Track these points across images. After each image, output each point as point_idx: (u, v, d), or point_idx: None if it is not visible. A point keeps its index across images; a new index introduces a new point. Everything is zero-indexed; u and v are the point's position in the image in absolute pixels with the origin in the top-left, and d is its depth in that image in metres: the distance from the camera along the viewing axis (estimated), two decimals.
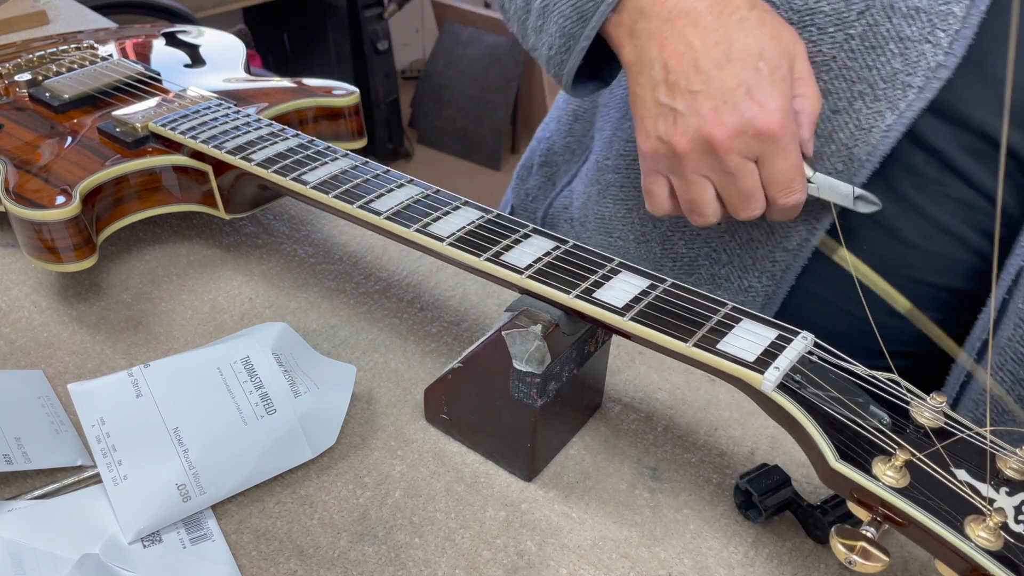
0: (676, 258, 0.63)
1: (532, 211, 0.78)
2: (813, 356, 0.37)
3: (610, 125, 0.66)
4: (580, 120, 0.72)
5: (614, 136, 0.65)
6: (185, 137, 0.55)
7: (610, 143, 0.66)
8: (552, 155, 0.76)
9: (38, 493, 0.42)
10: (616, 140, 0.65)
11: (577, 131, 0.72)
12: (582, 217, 0.69)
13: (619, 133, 0.65)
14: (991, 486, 0.31)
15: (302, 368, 0.46)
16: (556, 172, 0.76)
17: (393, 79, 2.44)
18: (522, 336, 0.39)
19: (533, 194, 0.78)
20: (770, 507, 0.41)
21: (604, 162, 0.66)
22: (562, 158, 0.74)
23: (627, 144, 0.64)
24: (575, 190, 0.71)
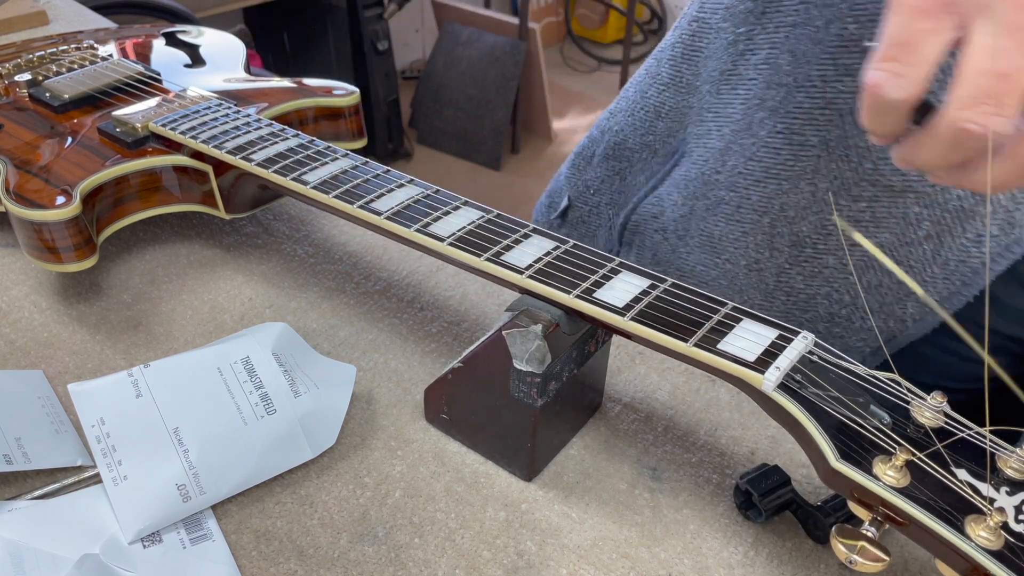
0: (791, 293, 0.58)
1: (594, 204, 0.73)
2: (814, 356, 0.37)
3: (721, 136, 0.60)
4: (664, 119, 0.66)
5: (728, 150, 0.59)
6: (185, 137, 0.55)
7: (722, 157, 0.60)
8: (623, 150, 0.70)
9: (38, 493, 0.42)
10: (731, 155, 0.59)
11: (661, 130, 0.66)
12: (680, 230, 0.64)
13: (735, 148, 0.59)
14: (991, 485, 0.31)
15: (302, 368, 0.46)
16: (628, 169, 0.70)
17: (393, 79, 2.44)
18: (522, 336, 0.39)
19: (595, 187, 0.72)
20: (770, 507, 0.41)
21: (714, 176, 0.60)
22: (638, 155, 0.69)
23: (748, 163, 0.58)
24: (666, 198, 0.65)
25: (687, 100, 0.63)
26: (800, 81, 0.54)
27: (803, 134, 0.55)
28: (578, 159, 0.75)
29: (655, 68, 0.67)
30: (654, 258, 0.67)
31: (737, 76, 0.59)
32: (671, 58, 0.65)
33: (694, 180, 0.62)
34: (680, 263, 0.64)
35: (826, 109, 0.53)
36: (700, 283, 0.63)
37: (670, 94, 0.65)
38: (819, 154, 0.54)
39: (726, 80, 0.59)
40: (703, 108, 0.61)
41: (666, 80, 0.65)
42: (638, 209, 0.67)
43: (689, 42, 0.63)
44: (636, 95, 0.69)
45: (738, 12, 0.59)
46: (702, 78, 0.62)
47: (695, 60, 0.63)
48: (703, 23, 0.62)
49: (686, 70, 0.63)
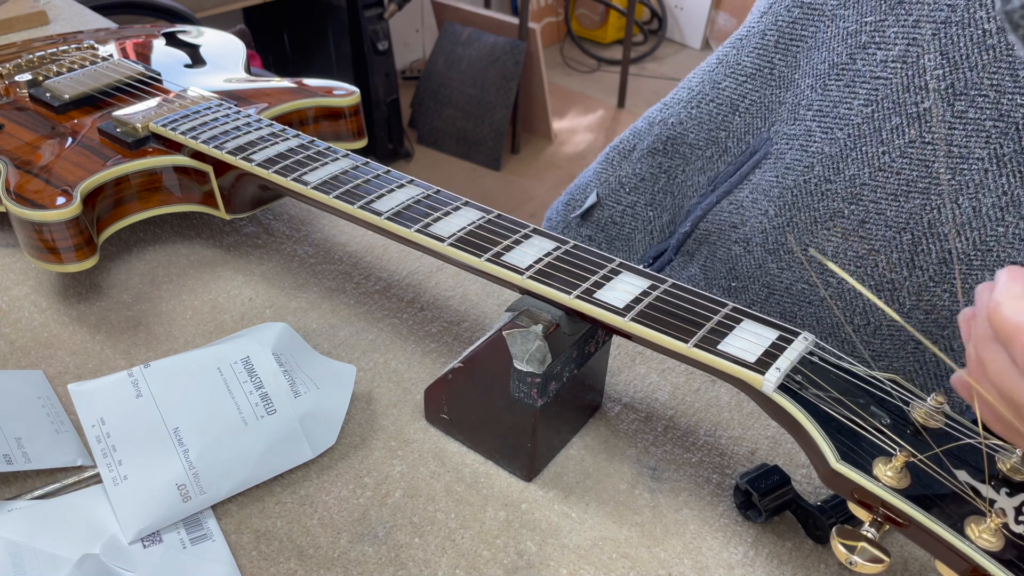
0: (931, 311, 0.53)
1: (629, 204, 0.66)
2: (814, 357, 0.37)
3: (832, 140, 0.54)
4: (743, 114, 0.59)
5: (844, 156, 0.53)
6: (186, 137, 0.55)
7: (835, 164, 0.53)
8: (679, 145, 0.63)
9: (38, 493, 0.42)
10: (850, 163, 0.53)
11: (737, 126, 0.60)
12: (771, 244, 0.57)
13: (855, 155, 0.53)
14: (991, 487, 0.31)
15: (302, 368, 0.46)
16: (681, 167, 0.63)
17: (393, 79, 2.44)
18: (523, 336, 0.39)
19: (632, 184, 0.66)
20: (770, 507, 0.41)
21: (824, 186, 0.54)
22: (700, 152, 0.62)
23: (877, 173, 0.52)
24: (750, 205, 0.59)
25: (778, 95, 0.58)
26: (961, 88, 0.49)
27: (967, 146, 0.49)
28: (613, 152, 0.68)
29: (734, 57, 0.61)
30: (731, 273, 0.60)
31: (854, 72, 0.53)
32: (758, 47, 0.59)
33: (791, 188, 0.56)
34: (770, 280, 0.58)
35: (999, 121, 0.48)
36: (800, 303, 0.57)
37: (754, 86, 0.59)
38: (987, 168, 0.49)
39: (839, 75, 0.54)
40: (800, 104, 0.56)
41: (749, 70, 0.59)
42: (709, 217, 0.61)
43: (788, 30, 0.57)
44: (705, 85, 0.62)
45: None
46: (802, 71, 0.56)
47: (795, 50, 0.57)
48: (810, 8, 0.56)
49: (779, 61, 0.58)
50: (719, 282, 0.60)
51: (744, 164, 0.59)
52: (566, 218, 0.72)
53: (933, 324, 0.53)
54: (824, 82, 0.54)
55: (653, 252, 0.66)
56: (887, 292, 0.53)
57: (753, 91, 0.59)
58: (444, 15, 2.76)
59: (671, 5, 3.53)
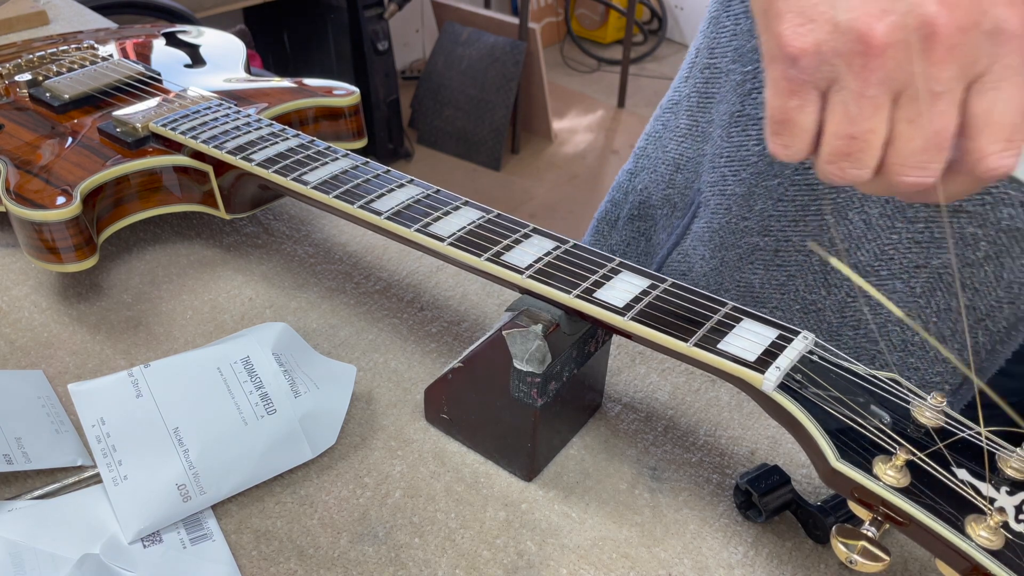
0: (858, 326, 0.55)
1: None
2: (814, 356, 0.37)
3: (740, 181, 0.58)
4: (683, 170, 0.64)
5: (752, 194, 0.57)
6: (186, 137, 0.55)
7: (747, 202, 0.57)
8: (648, 208, 0.68)
9: (38, 493, 0.42)
10: (757, 199, 0.57)
11: (680, 183, 0.65)
12: (713, 285, 0.61)
13: (759, 191, 0.56)
14: (991, 485, 0.31)
15: (302, 368, 0.46)
16: (652, 228, 0.69)
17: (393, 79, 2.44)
18: (523, 336, 0.39)
19: (621, 250, 0.71)
20: (770, 507, 0.41)
21: (741, 224, 0.58)
22: (660, 212, 0.67)
23: (778, 204, 0.55)
24: (692, 252, 0.63)
25: (702, 148, 0.63)
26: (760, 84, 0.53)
27: None
28: (601, 224, 0.74)
29: (673, 121, 0.66)
30: None
31: (747, 117, 0.57)
32: (688, 108, 0.64)
33: (719, 231, 0.60)
34: None
35: None
36: None
37: (688, 144, 0.64)
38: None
39: (736, 122, 0.58)
40: (716, 155, 0.60)
41: (684, 131, 0.65)
42: (663, 268, 0.66)
43: (703, 89, 0.63)
44: (657, 150, 0.68)
45: (745, 51, 0.57)
46: (714, 124, 0.61)
47: (708, 107, 0.62)
48: (714, 69, 0.61)
49: (701, 118, 0.63)
50: None
51: (686, 216, 0.64)
52: None
53: (863, 339, 0.55)
54: (728, 131, 0.58)
55: None
56: (813, 314, 0.56)
57: (688, 149, 0.64)
58: (444, 15, 2.76)
59: (671, 5, 3.53)
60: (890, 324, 0.54)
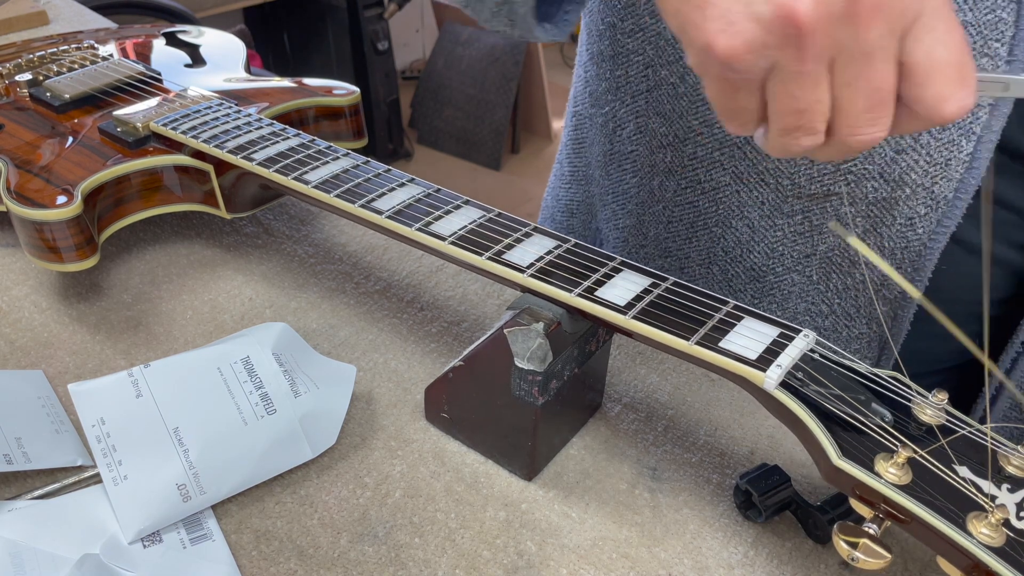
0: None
1: None
2: (815, 354, 0.37)
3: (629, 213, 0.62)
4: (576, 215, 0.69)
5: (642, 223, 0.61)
6: (186, 137, 0.55)
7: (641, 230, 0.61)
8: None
9: (38, 493, 0.42)
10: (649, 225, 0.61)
11: (576, 227, 0.70)
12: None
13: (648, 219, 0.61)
14: (993, 483, 0.31)
15: (302, 368, 0.46)
16: None
17: (393, 79, 2.44)
18: (524, 334, 0.39)
19: None
20: (770, 507, 0.41)
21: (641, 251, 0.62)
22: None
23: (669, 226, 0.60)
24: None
25: (588, 190, 0.67)
26: (683, 135, 0.55)
27: (711, 179, 0.56)
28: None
29: (558, 169, 0.72)
30: None
31: (618, 154, 0.61)
32: (567, 156, 0.69)
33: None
34: None
35: (723, 149, 0.54)
36: None
37: (575, 189, 0.69)
38: (738, 189, 0.55)
39: (610, 160, 0.62)
40: (602, 193, 0.64)
41: (568, 177, 0.70)
42: None
43: (575, 136, 0.67)
44: (552, 200, 0.73)
45: (600, 94, 0.61)
46: (592, 166, 0.65)
47: (582, 151, 0.67)
48: (579, 115, 0.66)
49: (579, 162, 0.67)
50: None
51: None
52: None
53: None
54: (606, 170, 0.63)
55: None
56: None
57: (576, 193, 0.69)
58: (444, 15, 2.76)
59: None
60: (799, 315, 0.57)
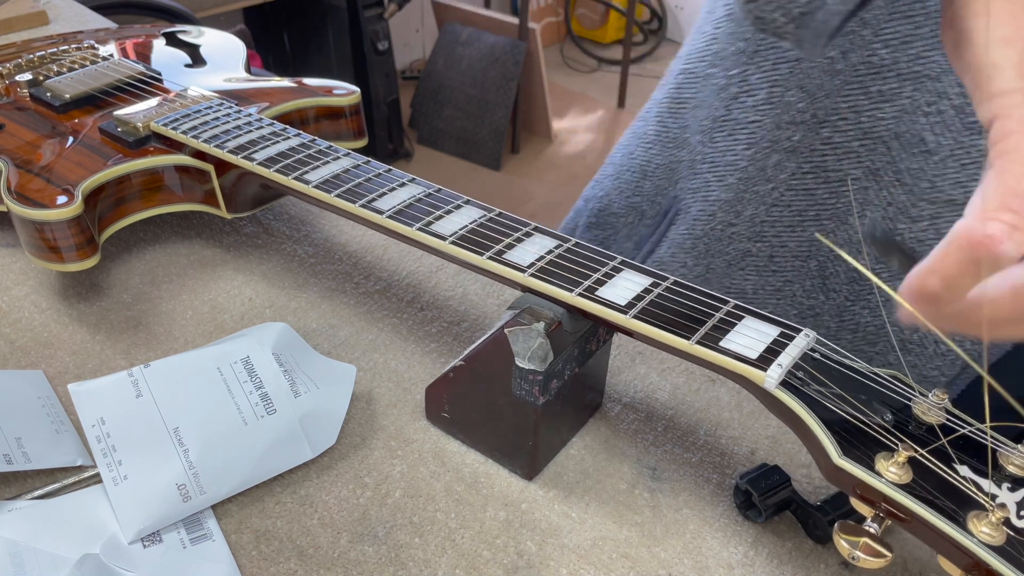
0: (857, 328, 0.55)
1: None
2: (816, 353, 0.37)
3: (726, 187, 0.57)
4: (651, 177, 0.64)
5: (740, 200, 0.56)
6: (187, 137, 0.55)
7: (734, 208, 0.57)
8: (607, 216, 0.67)
9: (38, 493, 0.42)
10: (746, 204, 0.56)
11: (648, 190, 0.64)
12: None
13: (748, 197, 0.56)
14: (993, 482, 0.31)
15: (302, 368, 0.46)
16: (612, 236, 0.68)
17: (393, 79, 2.44)
18: (525, 333, 0.39)
19: None
20: (770, 507, 0.41)
21: (728, 230, 0.57)
22: (623, 220, 0.66)
23: (772, 209, 0.55)
24: (670, 260, 0.62)
25: (676, 154, 0.62)
26: (823, 116, 0.52)
27: (840, 169, 0.52)
28: (564, 232, 0.73)
29: (641, 127, 0.67)
30: None
31: (733, 121, 0.57)
32: (657, 115, 0.64)
33: (702, 238, 0.59)
34: None
35: (865, 139, 0.51)
36: None
37: (656, 151, 0.64)
38: (866, 185, 0.51)
39: (720, 127, 0.58)
40: (696, 160, 0.59)
41: (652, 137, 0.65)
42: None
43: (675, 95, 0.63)
44: (623, 157, 0.68)
45: (728, 55, 0.57)
46: (691, 129, 0.61)
47: (681, 112, 0.62)
48: (689, 74, 0.61)
49: (672, 124, 0.63)
50: None
51: (660, 224, 0.62)
52: None
53: (862, 342, 0.55)
54: (711, 135, 0.57)
55: None
56: (810, 319, 0.56)
57: (656, 155, 0.63)
58: (444, 15, 2.76)
59: (671, 5, 3.53)
60: (889, 325, 0.54)
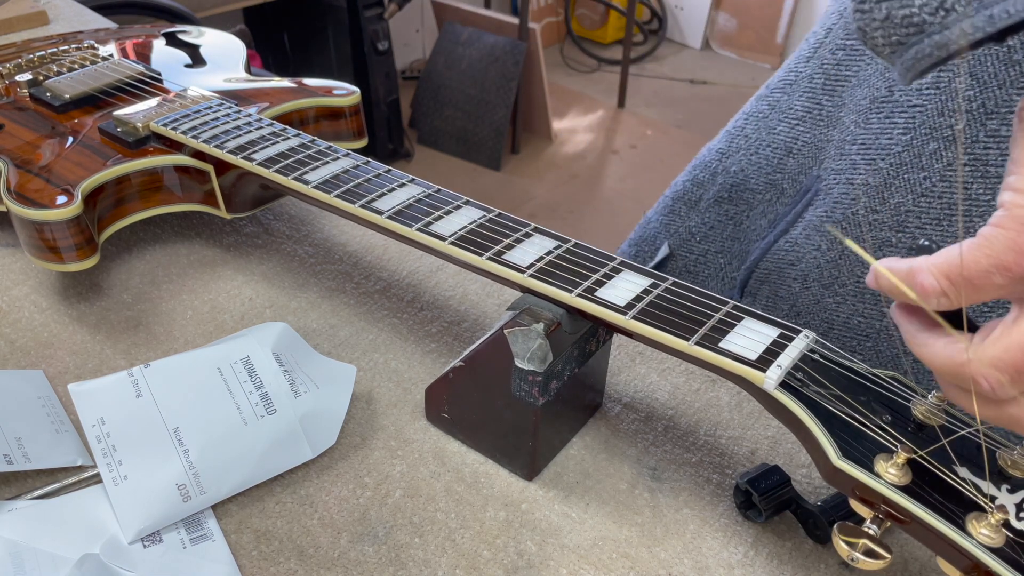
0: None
1: (701, 252, 0.67)
2: (815, 354, 0.37)
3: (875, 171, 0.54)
4: (796, 155, 0.60)
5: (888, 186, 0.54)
6: (187, 137, 0.55)
7: (881, 194, 0.54)
8: (742, 191, 0.64)
9: (38, 493, 0.42)
10: (894, 191, 0.53)
11: (791, 167, 0.61)
12: (826, 279, 0.57)
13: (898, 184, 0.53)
14: (992, 483, 0.31)
15: (302, 368, 0.46)
16: (746, 212, 0.65)
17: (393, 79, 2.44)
18: (524, 334, 0.39)
19: (703, 233, 0.67)
20: (770, 507, 0.41)
21: (870, 216, 0.54)
22: (760, 196, 0.63)
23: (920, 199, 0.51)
24: (804, 242, 0.59)
25: (826, 133, 0.59)
26: (992, 107, 0.49)
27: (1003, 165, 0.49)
28: (678, 204, 0.69)
29: (785, 102, 0.63)
30: (792, 309, 0.61)
31: (892, 103, 0.54)
32: (808, 91, 0.61)
33: (840, 221, 0.57)
34: (828, 315, 0.58)
35: None
36: (859, 336, 0.56)
37: (804, 128, 0.61)
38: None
39: (879, 108, 0.54)
40: (845, 140, 0.56)
41: (800, 113, 0.61)
42: (766, 256, 0.61)
43: (833, 72, 0.59)
44: (760, 132, 0.64)
45: None
46: (847, 108, 0.58)
47: (840, 90, 0.58)
48: (852, 50, 0.58)
49: (826, 101, 0.59)
50: (782, 319, 0.61)
51: (798, 203, 0.60)
52: None
53: None
54: (866, 116, 0.54)
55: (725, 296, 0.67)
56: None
57: (804, 133, 0.60)
58: (444, 15, 2.76)
59: (671, 5, 3.53)
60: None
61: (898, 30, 0.34)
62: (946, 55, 0.33)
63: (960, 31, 0.31)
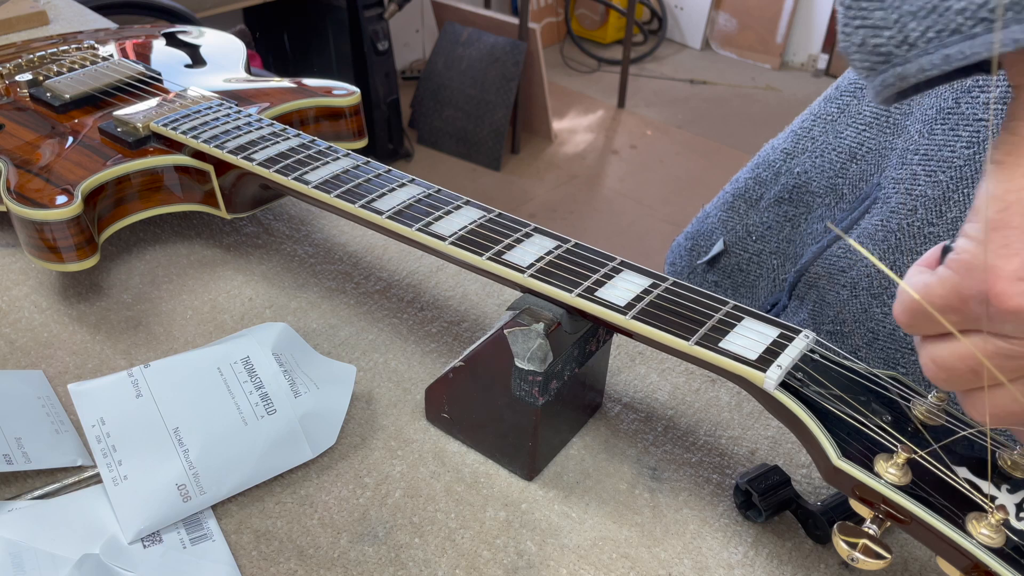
0: None
1: (756, 252, 0.67)
2: (815, 354, 0.37)
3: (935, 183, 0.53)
4: (860, 161, 0.60)
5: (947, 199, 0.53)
6: (187, 137, 0.55)
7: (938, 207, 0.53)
8: (803, 194, 0.63)
9: (38, 493, 0.42)
10: (953, 205, 0.52)
11: (853, 173, 0.60)
12: (875, 288, 0.56)
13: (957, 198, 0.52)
14: (992, 483, 0.31)
15: (302, 368, 0.46)
16: (804, 215, 0.64)
17: (393, 79, 2.44)
18: (524, 334, 0.39)
19: (759, 232, 0.66)
20: (770, 507, 0.41)
21: (927, 229, 0.53)
22: (820, 200, 0.63)
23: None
24: (855, 249, 0.58)
25: (891, 141, 0.58)
26: None
27: None
28: (738, 201, 0.69)
29: (855, 107, 0.62)
30: (837, 317, 0.60)
31: (959, 115, 0.53)
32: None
33: (896, 231, 0.56)
34: (874, 325, 0.57)
35: None
36: (904, 349, 0.56)
37: (871, 134, 0.60)
38: None
39: (944, 119, 0.54)
40: (908, 149, 0.55)
41: (868, 119, 0.61)
42: (819, 261, 0.61)
43: None
44: (828, 135, 0.63)
45: None
46: (914, 116, 0.57)
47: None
48: None
49: (895, 108, 0.59)
50: (826, 327, 0.60)
51: (856, 210, 0.59)
52: (691, 263, 0.73)
53: None
54: (931, 127, 0.54)
55: (772, 299, 0.66)
56: None
57: (870, 139, 0.59)
58: (444, 15, 2.76)
59: (671, 5, 3.53)
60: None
61: (870, 57, 0.35)
62: (908, 86, 0.34)
63: (918, 67, 0.32)
